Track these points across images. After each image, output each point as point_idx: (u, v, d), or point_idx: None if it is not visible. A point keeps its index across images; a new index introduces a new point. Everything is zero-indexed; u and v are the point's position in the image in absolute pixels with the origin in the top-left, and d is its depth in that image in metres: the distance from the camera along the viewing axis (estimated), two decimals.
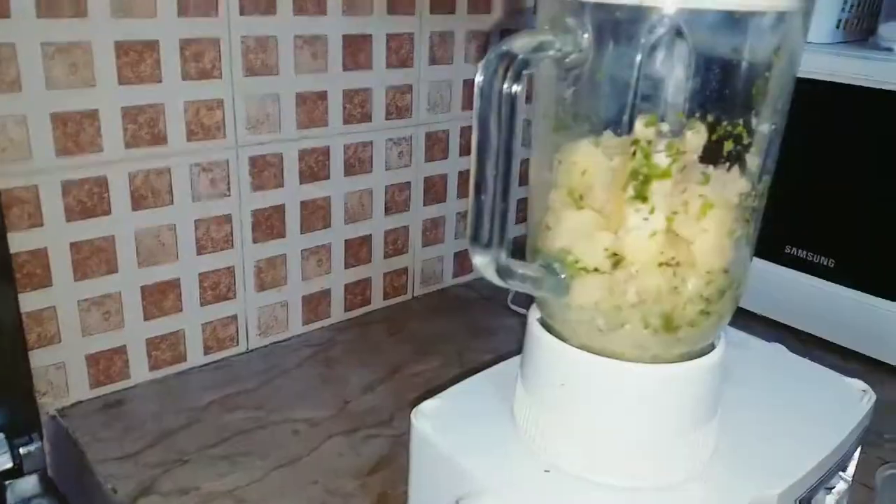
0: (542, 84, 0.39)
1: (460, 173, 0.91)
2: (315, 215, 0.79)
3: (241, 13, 0.67)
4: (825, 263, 0.81)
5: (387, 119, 0.81)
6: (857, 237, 0.78)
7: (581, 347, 0.40)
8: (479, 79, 0.33)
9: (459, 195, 0.92)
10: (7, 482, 0.58)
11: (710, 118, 0.35)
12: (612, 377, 0.39)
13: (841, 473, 0.50)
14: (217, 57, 0.67)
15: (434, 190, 0.89)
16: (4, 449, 0.58)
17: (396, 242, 0.87)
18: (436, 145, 0.87)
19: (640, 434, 0.40)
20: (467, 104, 0.88)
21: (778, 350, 0.57)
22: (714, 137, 0.35)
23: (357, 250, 0.84)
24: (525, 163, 0.41)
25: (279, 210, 0.76)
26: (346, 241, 0.82)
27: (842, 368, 0.54)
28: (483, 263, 0.36)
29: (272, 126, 0.72)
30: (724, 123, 0.35)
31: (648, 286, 0.37)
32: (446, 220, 0.92)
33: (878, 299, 0.77)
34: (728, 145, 0.35)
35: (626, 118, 0.35)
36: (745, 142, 0.36)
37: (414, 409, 0.46)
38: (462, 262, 0.95)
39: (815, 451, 0.44)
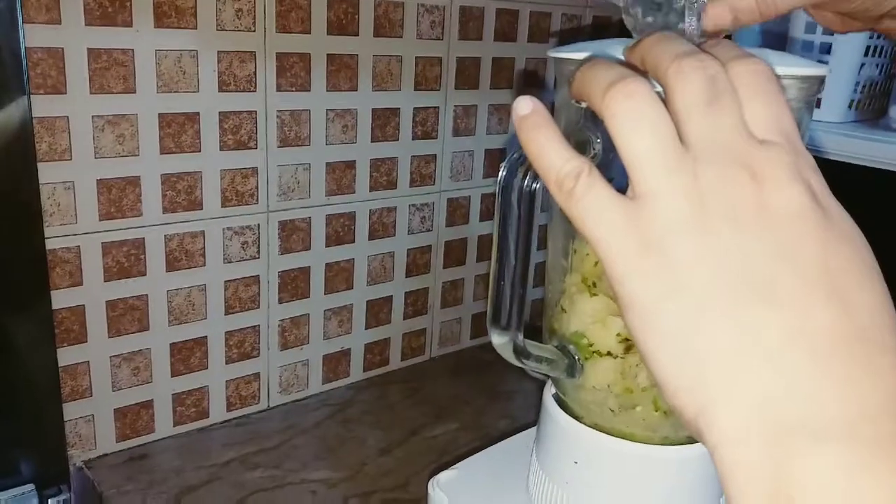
0: None
1: (480, 237, 0.94)
2: (339, 277, 0.82)
3: (278, 89, 0.71)
4: None
5: (411, 186, 0.85)
6: None
7: (593, 426, 0.42)
8: (501, 175, 0.36)
9: (479, 258, 0.94)
10: None
11: None
12: (623, 457, 0.40)
13: None
14: (253, 129, 0.71)
15: (454, 254, 0.92)
16: (35, 500, 0.60)
17: (416, 304, 0.90)
18: (457, 211, 0.90)
19: None
20: (489, 172, 0.91)
21: None
22: None
23: (378, 311, 0.86)
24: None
25: (305, 272, 0.79)
26: (367, 301, 0.85)
27: None
28: (501, 344, 0.39)
29: (302, 192, 0.76)
30: None
31: None
32: (465, 282, 0.94)
33: None
34: None
35: None
36: None
37: (431, 480, 0.48)
38: (479, 323, 0.97)
39: None
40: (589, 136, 0.36)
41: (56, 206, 0.62)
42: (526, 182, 0.36)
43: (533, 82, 0.91)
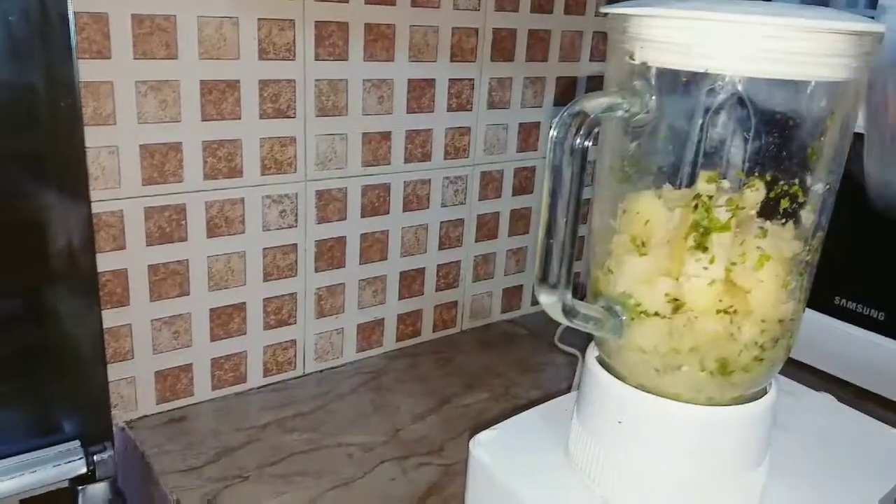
0: (609, 138, 0.42)
1: (512, 212, 0.94)
2: (373, 248, 0.82)
3: (316, 58, 0.72)
4: (875, 316, 0.82)
5: (445, 159, 0.85)
6: None
7: (637, 387, 0.42)
8: (553, 133, 0.36)
9: (511, 233, 0.94)
10: (80, 487, 0.62)
11: (767, 177, 0.37)
12: (668, 416, 0.41)
13: None
14: (292, 98, 0.71)
15: (486, 227, 0.92)
16: (80, 455, 0.61)
17: (448, 276, 0.90)
18: (490, 184, 0.90)
19: (691, 473, 0.41)
20: (522, 146, 0.91)
21: (827, 399, 0.58)
22: (771, 195, 0.38)
23: (411, 283, 0.87)
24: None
25: (341, 241, 0.79)
26: (401, 272, 0.86)
27: (892, 421, 0.55)
28: (550, 303, 0.39)
29: (339, 163, 0.76)
30: (781, 182, 0.37)
31: (706, 331, 0.39)
32: (497, 256, 0.94)
33: None
34: (784, 203, 0.38)
35: (687, 173, 0.38)
36: (801, 200, 0.38)
37: (472, 439, 0.48)
38: (510, 298, 0.98)
39: (866, 496, 0.45)
40: (642, 92, 0.37)
41: (101, 170, 0.63)
42: (577, 140, 0.36)
43: (569, 56, 0.91)
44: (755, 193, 0.37)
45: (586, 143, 0.36)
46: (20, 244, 0.59)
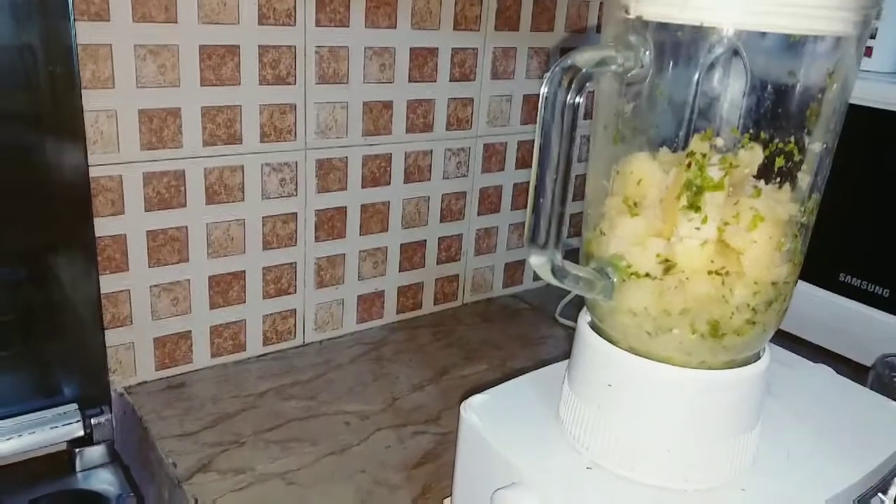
0: (603, 98, 0.42)
1: (515, 185, 0.93)
2: (374, 219, 0.82)
3: (317, 24, 0.71)
4: (880, 293, 0.81)
5: (447, 130, 0.84)
6: None
7: (628, 350, 0.41)
8: (543, 90, 0.36)
9: (513, 207, 0.94)
10: (77, 449, 0.62)
11: (763, 135, 0.37)
12: (659, 380, 0.40)
13: (881, 496, 0.51)
14: (292, 64, 0.71)
15: (489, 200, 0.91)
16: (77, 418, 0.62)
17: (450, 250, 0.90)
18: (493, 157, 0.90)
19: (682, 437, 0.41)
20: (526, 118, 0.90)
21: (824, 371, 0.58)
22: (766, 154, 0.37)
23: (411, 255, 0.87)
24: (581, 178, 0.43)
25: (341, 211, 0.79)
26: (401, 245, 0.85)
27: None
28: (539, 263, 0.38)
29: (339, 131, 0.76)
30: (777, 141, 0.37)
31: (697, 293, 0.38)
32: (499, 230, 0.94)
33: None
34: (779, 162, 0.37)
35: (682, 132, 0.37)
36: (797, 159, 0.37)
37: (463, 403, 0.48)
38: (512, 272, 0.97)
39: (855, 468, 0.45)
40: (637, 46, 0.36)
41: (99, 134, 0.63)
42: (569, 95, 0.35)
43: (575, 25, 0.90)
44: (749, 152, 0.37)
45: (578, 98, 0.35)
46: (18, 207, 0.59)
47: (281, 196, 0.74)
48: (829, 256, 0.84)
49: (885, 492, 0.51)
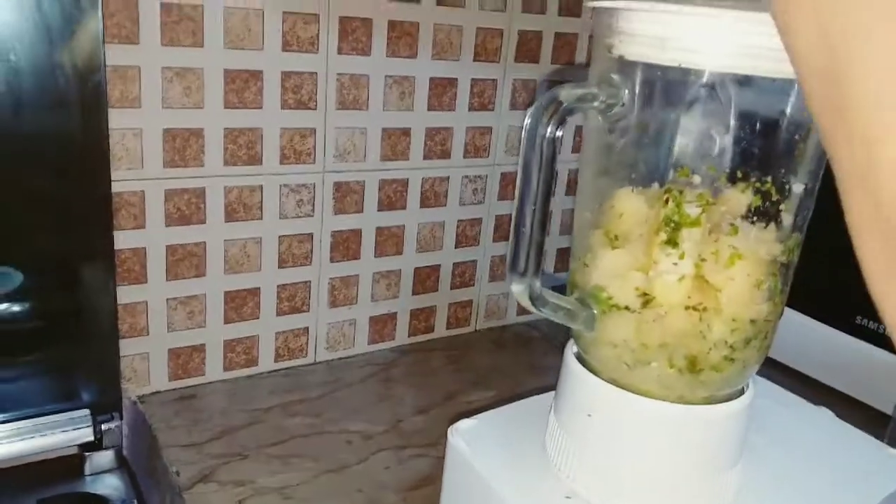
0: (590, 133, 0.43)
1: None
2: (389, 242, 0.84)
3: (339, 52, 0.73)
4: None
5: (465, 157, 0.86)
6: None
7: (609, 381, 0.42)
8: (526, 122, 0.37)
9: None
10: (87, 454, 0.65)
11: (740, 174, 0.37)
12: (636, 412, 0.41)
13: None
14: (314, 90, 0.73)
15: (504, 228, 0.92)
16: (88, 423, 0.64)
17: (464, 275, 0.91)
18: (510, 185, 0.91)
19: (659, 470, 0.41)
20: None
21: (824, 413, 0.57)
22: (743, 192, 0.37)
23: (425, 279, 0.88)
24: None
25: (357, 234, 0.81)
26: (415, 268, 0.87)
27: None
28: (519, 290, 0.39)
29: (358, 156, 0.78)
30: (753, 180, 0.37)
31: (675, 327, 0.39)
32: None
33: None
34: (756, 200, 0.37)
35: (663, 169, 0.38)
36: (774, 198, 0.38)
37: (451, 427, 0.49)
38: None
39: None
40: (619, 84, 0.37)
41: (125, 150, 0.66)
42: (549, 129, 0.36)
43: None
44: (728, 191, 0.37)
45: (558, 132, 0.36)
46: (43, 217, 0.62)
47: (298, 216, 0.76)
48: (846, 299, 0.83)
49: None
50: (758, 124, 0.37)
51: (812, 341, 0.85)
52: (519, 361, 0.88)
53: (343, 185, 0.78)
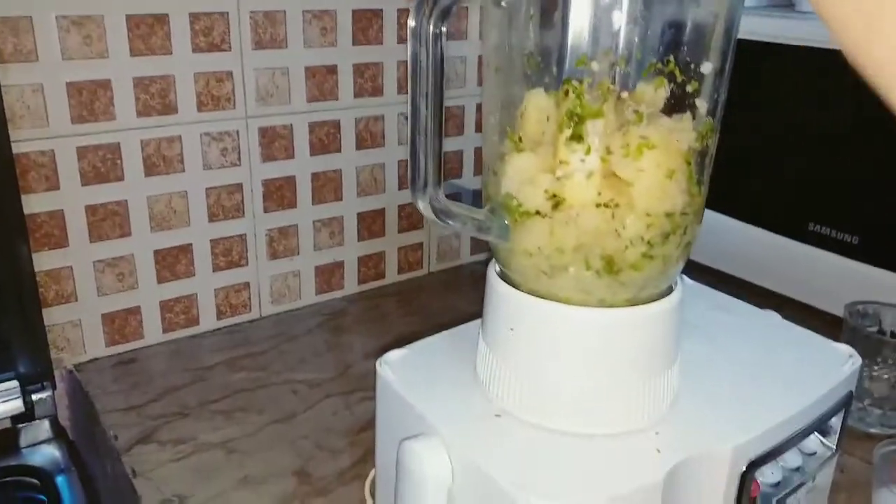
0: (487, 30, 0.40)
1: (476, 150, 0.91)
2: (326, 187, 0.81)
3: None
4: (850, 241, 0.78)
5: (399, 93, 0.83)
6: (884, 213, 0.75)
7: (530, 293, 0.40)
8: (410, 22, 0.34)
9: (475, 172, 0.92)
10: (20, 426, 0.62)
11: (639, 57, 0.35)
12: (557, 320, 0.39)
13: (822, 439, 0.49)
14: (226, 31, 0.70)
15: (450, 166, 0.90)
16: (17, 395, 0.61)
17: (411, 217, 0.89)
18: (450, 121, 0.88)
19: (586, 380, 0.40)
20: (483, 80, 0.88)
21: (770, 316, 0.56)
22: (647, 77, 0.35)
23: (370, 224, 0.86)
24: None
25: (290, 181, 0.78)
26: (358, 213, 0.84)
27: None
28: (423, 205, 0.37)
29: (282, 98, 0.75)
30: (656, 62, 0.35)
31: (588, 227, 0.37)
32: (462, 196, 0.92)
33: None
34: (659, 83, 0.35)
35: (562, 61, 0.36)
36: (680, 80, 0.35)
37: (379, 359, 0.47)
38: (480, 238, 0.96)
39: (782, 409, 0.43)
40: None
41: (25, 108, 0.62)
42: (433, 24, 0.34)
43: None
44: (626, 75, 0.35)
45: (441, 27, 0.34)
46: None
47: (224, 166, 0.73)
48: (798, 206, 0.81)
49: (823, 433, 0.49)
50: (657, 5, 0.34)
51: (763, 250, 0.84)
52: (474, 300, 0.85)
53: (269, 130, 0.75)
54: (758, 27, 0.79)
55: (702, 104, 0.37)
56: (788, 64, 0.78)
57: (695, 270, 0.54)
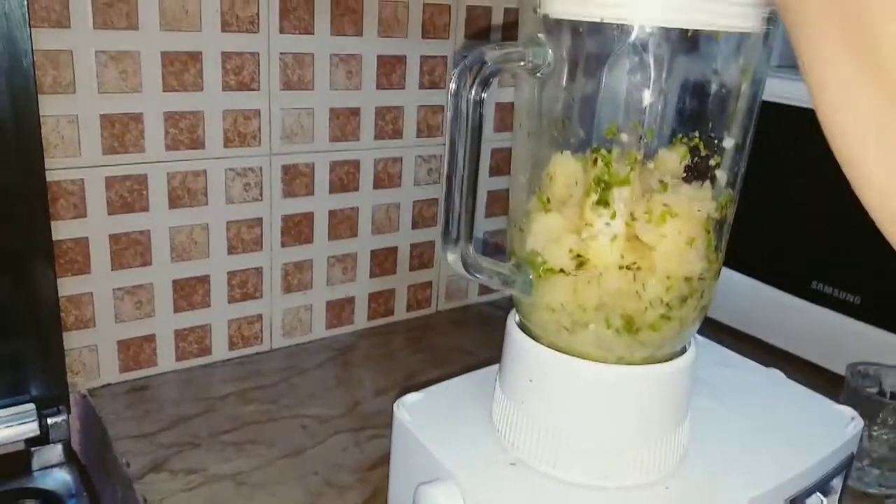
0: (521, 97, 0.42)
1: (490, 193, 0.93)
2: (343, 224, 0.83)
3: (281, 32, 0.72)
4: (852, 300, 0.80)
5: (417, 137, 0.85)
6: (885, 274, 0.77)
7: (550, 346, 0.42)
8: (451, 86, 0.36)
9: (487, 215, 0.94)
10: (34, 449, 0.63)
11: (668, 130, 0.37)
12: (576, 375, 0.40)
13: (823, 499, 0.50)
14: (256, 70, 0.72)
15: None
16: (33, 417, 0.62)
17: (422, 256, 0.90)
18: None
19: (601, 434, 0.41)
20: (499, 126, 0.91)
21: (774, 375, 0.57)
22: (673, 149, 0.37)
23: (382, 261, 0.87)
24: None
25: (308, 217, 0.80)
26: (371, 251, 0.86)
27: None
28: (453, 259, 0.39)
29: (306, 137, 0.77)
30: (681, 136, 0.37)
31: (610, 288, 0.38)
32: (473, 238, 0.94)
33: None
34: (683, 153, 0.37)
35: (592, 130, 0.38)
36: (704, 154, 0.37)
37: (397, 401, 0.48)
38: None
39: (788, 467, 0.45)
40: (544, 43, 0.36)
41: (60, 138, 0.64)
42: (474, 91, 0.36)
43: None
44: (657, 148, 0.37)
45: (483, 94, 0.36)
46: None
47: (245, 201, 0.75)
48: (802, 264, 0.83)
49: (825, 493, 0.50)
50: (684, 80, 0.36)
51: (767, 306, 0.86)
52: (481, 340, 0.88)
53: (291, 168, 0.77)
54: (766, 87, 0.82)
55: (722, 175, 0.39)
56: (806, 128, 0.80)
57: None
